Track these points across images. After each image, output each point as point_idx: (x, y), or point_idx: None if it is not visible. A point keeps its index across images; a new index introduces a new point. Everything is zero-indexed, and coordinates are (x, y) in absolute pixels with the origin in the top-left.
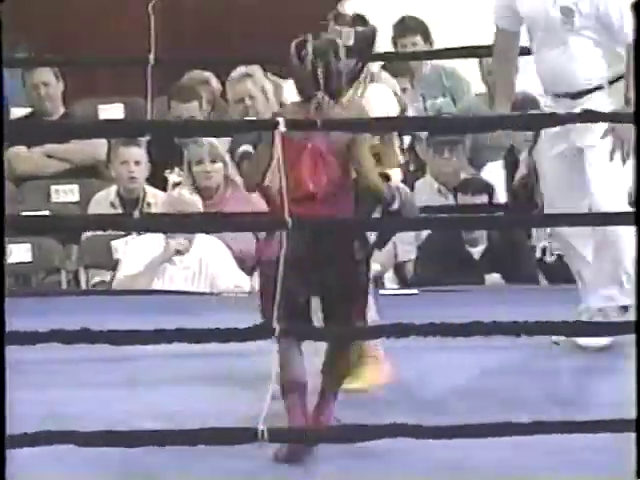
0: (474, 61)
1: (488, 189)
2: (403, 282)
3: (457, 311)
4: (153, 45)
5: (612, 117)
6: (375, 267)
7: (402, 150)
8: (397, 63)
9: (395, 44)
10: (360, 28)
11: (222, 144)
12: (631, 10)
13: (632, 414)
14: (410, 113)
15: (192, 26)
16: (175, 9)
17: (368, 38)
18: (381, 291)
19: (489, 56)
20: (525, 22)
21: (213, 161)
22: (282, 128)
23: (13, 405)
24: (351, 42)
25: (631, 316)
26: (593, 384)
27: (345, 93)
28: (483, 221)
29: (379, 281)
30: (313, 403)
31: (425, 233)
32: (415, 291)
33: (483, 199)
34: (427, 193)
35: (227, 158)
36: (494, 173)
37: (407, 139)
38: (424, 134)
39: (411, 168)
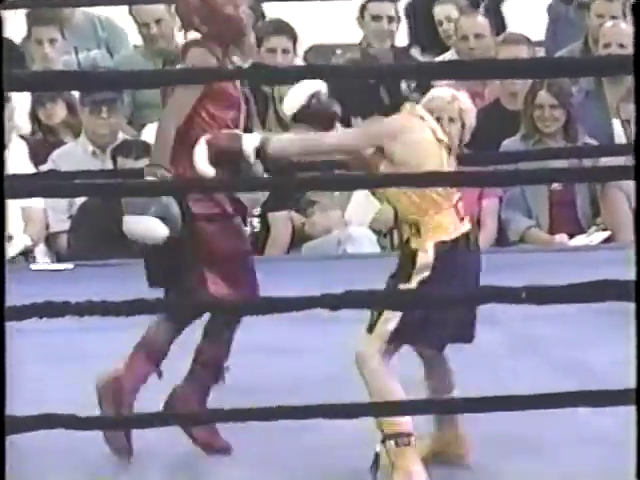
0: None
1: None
2: (56, 256)
3: (117, 287)
4: None
5: None
6: (24, 240)
7: None
8: (45, 10)
9: None
10: None
11: None
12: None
13: None
14: (58, 66)
15: None
16: None
17: None
18: (32, 266)
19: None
20: None
21: None
22: None
23: None
24: None
25: None
26: None
27: None
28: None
29: (29, 255)
30: None
31: (78, 201)
32: (70, 265)
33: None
34: (80, 156)
35: None
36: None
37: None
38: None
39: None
